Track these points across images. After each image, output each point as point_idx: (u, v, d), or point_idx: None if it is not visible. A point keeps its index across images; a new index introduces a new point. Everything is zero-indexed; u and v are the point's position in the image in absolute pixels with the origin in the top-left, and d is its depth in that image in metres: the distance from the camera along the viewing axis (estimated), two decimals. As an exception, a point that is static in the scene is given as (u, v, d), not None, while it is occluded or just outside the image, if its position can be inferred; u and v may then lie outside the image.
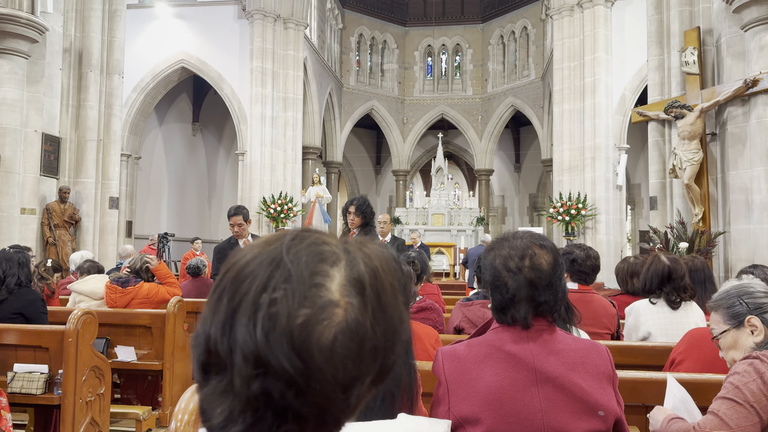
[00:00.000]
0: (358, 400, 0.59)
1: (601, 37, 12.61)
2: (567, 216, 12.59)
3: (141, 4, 15.33)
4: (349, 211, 4.81)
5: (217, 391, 0.57)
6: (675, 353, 2.64)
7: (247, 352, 0.54)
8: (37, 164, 8.61)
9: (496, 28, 22.41)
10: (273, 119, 14.75)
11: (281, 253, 0.58)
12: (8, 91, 7.85)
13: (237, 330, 0.55)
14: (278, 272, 0.57)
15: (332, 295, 0.56)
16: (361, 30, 22.53)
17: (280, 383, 0.54)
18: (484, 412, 1.39)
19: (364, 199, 4.92)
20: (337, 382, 0.56)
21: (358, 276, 0.59)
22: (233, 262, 0.60)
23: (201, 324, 0.59)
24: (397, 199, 23.11)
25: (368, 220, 4.82)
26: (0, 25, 7.68)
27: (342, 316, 0.56)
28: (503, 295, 1.46)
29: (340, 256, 0.60)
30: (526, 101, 20.49)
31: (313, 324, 0.55)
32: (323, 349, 0.55)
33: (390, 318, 0.60)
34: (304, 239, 0.60)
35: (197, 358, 0.59)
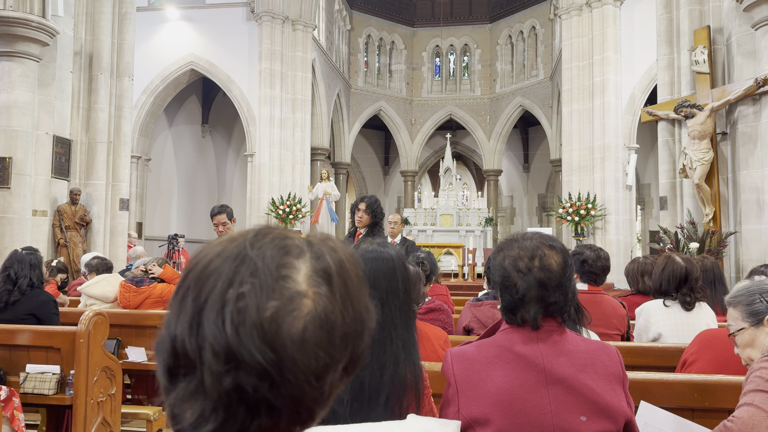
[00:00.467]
0: (331, 389, 0.60)
1: (610, 37, 12.55)
2: (576, 216, 12.54)
3: (150, 6, 15.43)
4: (359, 208, 4.65)
5: (186, 394, 0.56)
6: (687, 354, 2.63)
7: (218, 348, 0.54)
8: (49, 166, 8.68)
9: (504, 28, 22.36)
10: (281, 121, 14.80)
11: (245, 248, 0.59)
12: (20, 94, 7.92)
13: (205, 327, 0.55)
14: (243, 267, 0.57)
15: (299, 287, 0.57)
16: (369, 31, 22.55)
17: (252, 377, 0.54)
18: (494, 413, 1.39)
19: (375, 198, 4.76)
20: (310, 371, 0.56)
21: (325, 267, 0.60)
22: (195, 262, 0.60)
23: (165, 327, 0.59)
24: (405, 200, 23.11)
25: (377, 219, 4.65)
26: (11, 29, 7.76)
27: (311, 306, 0.57)
28: (513, 296, 1.47)
29: (304, 249, 0.61)
30: (534, 101, 20.43)
31: (282, 315, 0.55)
32: (294, 339, 0.55)
33: (358, 306, 0.61)
34: (267, 234, 0.61)
35: (163, 362, 0.59)
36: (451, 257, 14.85)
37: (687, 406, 2.38)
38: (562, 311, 1.48)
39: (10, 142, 7.93)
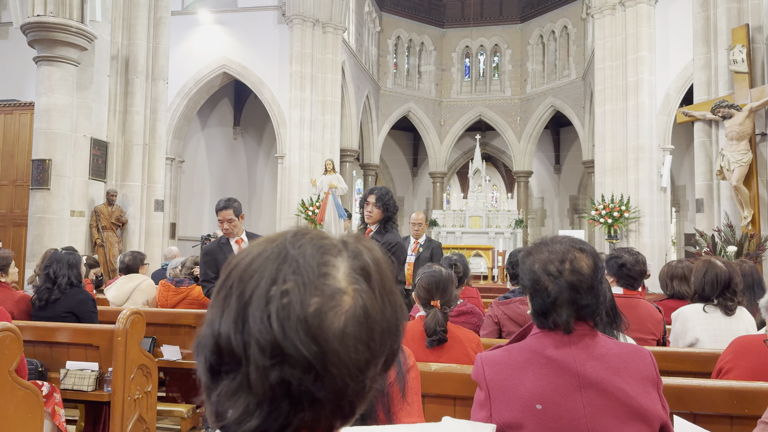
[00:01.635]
0: (372, 384, 0.62)
1: (645, 36, 12.32)
2: (609, 218, 12.33)
3: (184, 10, 15.70)
4: (368, 201, 4.07)
5: (229, 391, 0.58)
6: (722, 362, 2.57)
7: (264, 342, 0.56)
8: (86, 168, 8.91)
9: (535, 28, 22.14)
10: (311, 122, 14.91)
11: (286, 247, 0.61)
12: (59, 98, 8.15)
13: (251, 323, 0.57)
14: (286, 265, 0.60)
15: (339, 284, 0.60)
16: (399, 32, 22.56)
17: (297, 370, 0.56)
18: (527, 418, 1.38)
19: (386, 189, 4.15)
20: (352, 364, 0.58)
21: (363, 265, 0.62)
22: (237, 262, 0.63)
23: (207, 326, 0.61)
24: (434, 201, 23.05)
25: (390, 214, 4.05)
26: (51, 34, 7.99)
27: (350, 303, 0.59)
28: (544, 300, 1.45)
29: (341, 248, 0.63)
30: (566, 101, 20.18)
31: (325, 311, 0.58)
32: (336, 333, 0.57)
33: (394, 302, 0.64)
34: (305, 235, 0.64)
35: (205, 360, 0.60)
36: (481, 259, 14.77)
37: (725, 413, 2.33)
38: (594, 314, 1.46)
39: (50, 145, 8.17)
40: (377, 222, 4.05)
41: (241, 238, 4.46)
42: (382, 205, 4.01)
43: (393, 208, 4.08)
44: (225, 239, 4.48)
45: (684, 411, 2.34)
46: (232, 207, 4.39)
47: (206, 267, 4.42)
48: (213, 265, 4.35)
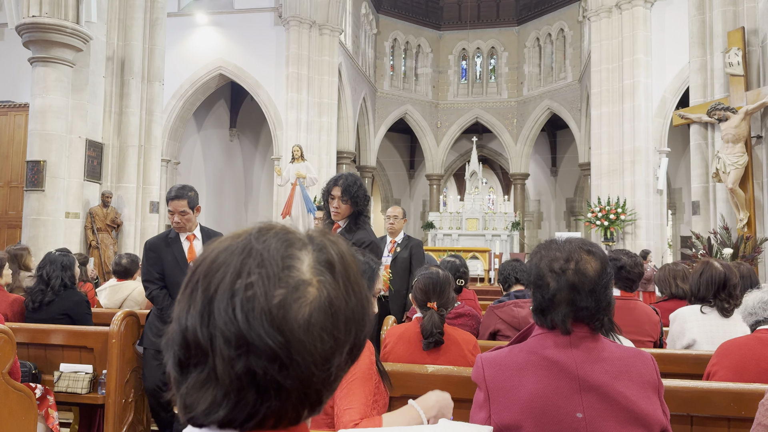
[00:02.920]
0: (338, 372, 0.63)
1: (641, 39, 12.36)
2: (606, 221, 12.36)
3: (180, 12, 15.68)
4: (333, 194, 3.36)
5: (197, 383, 0.60)
6: (709, 366, 2.59)
7: (229, 334, 0.58)
8: (81, 169, 8.87)
9: (531, 31, 22.19)
10: (308, 124, 14.90)
11: (251, 242, 0.63)
12: (54, 99, 8.11)
13: (216, 316, 0.58)
14: (250, 259, 0.61)
15: (304, 276, 0.61)
16: (396, 35, 22.59)
17: (262, 360, 0.57)
18: (526, 420, 1.37)
19: (354, 178, 3.41)
20: (317, 353, 0.59)
21: (327, 258, 0.64)
22: (203, 258, 0.64)
23: (175, 321, 0.63)
24: (430, 204, 23.06)
25: (360, 207, 3.37)
26: (47, 35, 7.96)
27: (315, 293, 0.61)
28: (543, 296, 1.45)
29: (306, 241, 0.65)
30: (562, 104, 20.23)
31: (289, 302, 0.59)
32: (301, 323, 0.59)
33: (359, 293, 0.65)
34: (270, 229, 0.65)
35: (173, 355, 0.62)
36: (477, 262, 14.76)
37: (723, 415, 2.32)
38: (593, 318, 1.44)
39: (45, 146, 8.13)
40: (345, 218, 3.39)
41: (193, 234, 3.75)
42: (349, 198, 3.32)
43: (363, 199, 3.36)
44: (174, 234, 3.73)
45: (681, 413, 2.34)
46: (186, 197, 3.66)
47: (149, 265, 3.68)
48: (157, 264, 3.65)
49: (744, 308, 2.57)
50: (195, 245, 3.72)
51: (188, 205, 3.67)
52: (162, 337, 0.64)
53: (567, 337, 1.44)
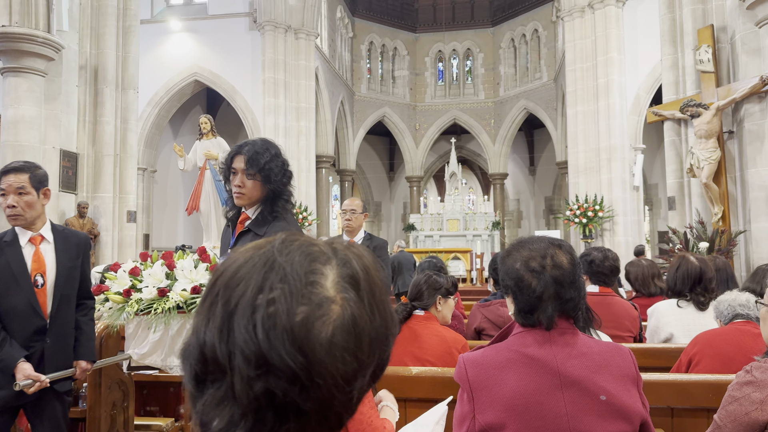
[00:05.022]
0: (359, 395, 0.60)
1: (614, 38, 12.54)
2: (584, 218, 12.50)
3: (153, 19, 15.53)
4: (234, 168, 2.29)
5: (215, 400, 0.57)
6: (689, 355, 2.63)
7: (248, 353, 0.55)
8: (56, 180, 8.73)
9: (506, 32, 22.39)
10: (286, 129, 14.85)
11: (273, 255, 0.60)
12: (27, 109, 7.98)
13: (236, 332, 0.56)
14: (273, 273, 0.58)
15: (327, 292, 0.58)
16: (372, 38, 22.63)
17: (282, 381, 0.55)
18: (509, 418, 1.38)
19: (266, 143, 2.32)
20: (339, 375, 0.57)
21: (351, 273, 0.61)
22: (224, 269, 0.61)
23: (193, 334, 0.60)
24: (411, 206, 23.11)
25: (277, 186, 2.29)
26: (17, 45, 7.82)
27: (339, 312, 0.57)
28: (530, 296, 1.46)
29: (330, 255, 0.62)
30: (539, 104, 20.43)
31: (312, 320, 0.56)
32: (323, 343, 0.56)
33: (384, 312, 0.62)
34: (293, 242, 0.62)
35: (190, 369, 0.59)
36: (459, 262, 14.83)
37: (702, 406, 2.37)
38: (576, 308, 1.48)
39: (18, 157, 7.98)
40: (255, 202, 2.32)
41: (41, 235, 2.63)
42: (259, 172, 2.24)
43: (281, 174, 2.28)
44: (12, 234, 2.61)
45: (662, 405, 2.37)
46: (27, 170, 2.56)
47: None
48: None
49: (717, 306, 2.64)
50: (43, 251, 2.61)
51: (30, 182, 2.53)
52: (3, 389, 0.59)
53: (547, 333, 1.46)
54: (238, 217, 2.42)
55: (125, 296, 3.21)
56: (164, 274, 3.24)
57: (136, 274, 3.30)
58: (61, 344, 2.71)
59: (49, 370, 2.61)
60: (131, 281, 3.27)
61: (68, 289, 2.73)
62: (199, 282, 3.19)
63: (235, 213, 2.43)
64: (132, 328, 3.21)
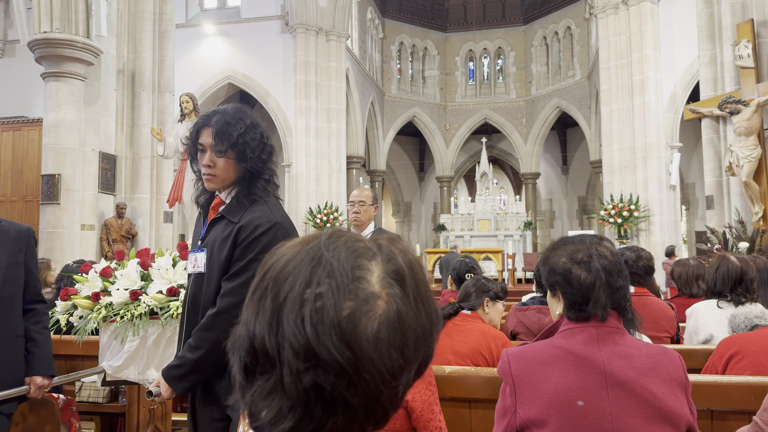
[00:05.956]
0: (405, 390, 0.61)
1: (649, 34, 12.29)
2: (619, 218, 12.29)
3: (188, 23, 15.82)
4: (201, 143, 1.92)
5: (263, 392, 0.58)
6: (726, 355, 2.54)
7: (297, 346, 0.56)
8: (95, 182, 8.97)
9: (538, 30, 22.15)
10: (317, 130, 14.97)
11: (320, 250, 0.61)
12: (67, 113, 8.22)
13: (285, 326, 0.57)
14: (320, 268, 0.59)
15: (373, 288, 0.59)
16: (402, 38, 22.64)
17: (330, 375, 0.56)
18: (552, 414, 1.38)
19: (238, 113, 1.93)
20: (385, 370, 0.57)
21: (396, 269, 0.61)
22: (272, 263, 0.63)
23: (242, 326, 0.61)
24: (441, 206, 23.04)
25: (254, 165, 1.91)
26: (58, 50, 8.07)
27: (384, 308, 0.58)
28: (580, 287, 1.46)
29: (375, 251, 0.62)
30: (572, 102, 20.16)
31: (358, 315, 0.57)
32: (370, 339, 0.57)
33: (428, 308, 0.62)
34: (339, 237, 0.63)
35: (239, 360, 0.61)
36: (490, 262, 14.73)
37: (743, 409, 2.31)
38: (625, 297, 1.48)
39: (59, 160, 8.24)
40: (229, 184, 1.96)
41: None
42: (231, 147, 1.87)
43: (258, 149, 1.91)
44: None
45: (702, 407, 2.33)
46: None
47: None
48: None
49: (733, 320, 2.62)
50: None
51: None
52: None
53: (594, 332, 1.45)
54: (210, 202, 2.05)
55: (93, 301, 2.73)
56: (139, 275, 2.77)
57: (108, 275, 2.81)
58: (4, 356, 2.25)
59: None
60: (103, 283, 2.79)
61: (9, 290, 2.28)
62: (177, 283, 2.68)
63: (207, 198, 2.06)
64: (106, 337, 2.72)
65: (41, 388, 2.38)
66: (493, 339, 2.66)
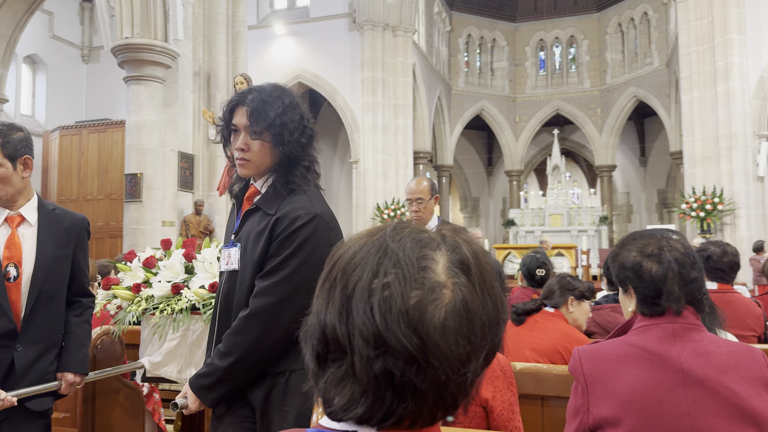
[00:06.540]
0: (474, 377, 0.62)
1: (733, 17, 11.58)
2: (702, 212, 11.68)
3: (259, 24, 16.26)
4: (235, 123, 1.74)
5: (336, 379, 0.61)
6: None
7: (367, 333, 0.59)
8: (175, 180, 9.38)
9: (613, 16, 21.33)
10: (384, 126, 15.05)
11: (386, 241, 0.63)
12: (148, 115, 8.64)
13: (354, 315, 0.60)
14: (386, 259, 0.61)
15: (438, 277, 0.61)
16: (470, 30, 22.37)
17: (400, 361, 0.58)
18: (626, 414, 1.34)
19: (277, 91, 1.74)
20: (453, 357, 0.59)
21: (461, 258, 0.63)
22: (339, 255, 0.65)
23: (314, 316, 0.64)
24: (510, 201, 22.64)
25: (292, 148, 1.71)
26: (139, 54, 8.49)
27: (450, 296, 0.60)
28: (651, 281, 1.42)
29: (439, 241, 0.64)
30: (650, 90, 19.30)
31: (425, 304, 0.59)
32: (437, 327, 0.59)
33: (494, 296, 0.64)
34: (404, 228, 0.65)
35: (312, 348, 0.64)
36: (563, 258, 14.34)
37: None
38: (701, 290, 1.43)
39: (141, 159, 8.68)
40: (265, 171, 1.78)
41: (20, 214, 2.15)
42: (267, 129, 1.69)
43: (298, 132, 1.72)
44: None
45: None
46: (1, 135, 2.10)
47: None
48: None
49: None
50: (21, 235, 2.14)
51: (2, 152, 2.08)
52: None
53: (670, 329, 1.40)
54: (245, 192, 1.84)
55: (134, 292, 2.55)
56: (183, 266, 2.57)
57: (151, 266, 2.63)
58: (38, 353, 2.11)
59: (21, 386, 2.05)
60: (145, 274, 2.61)
61: (51, 284, 2.13)
62: None
63: (242, 188, 1.86)
64: (147, 331, 2.56)
65: (72, 385, 2.21)
66: (577, 342, 2.60)
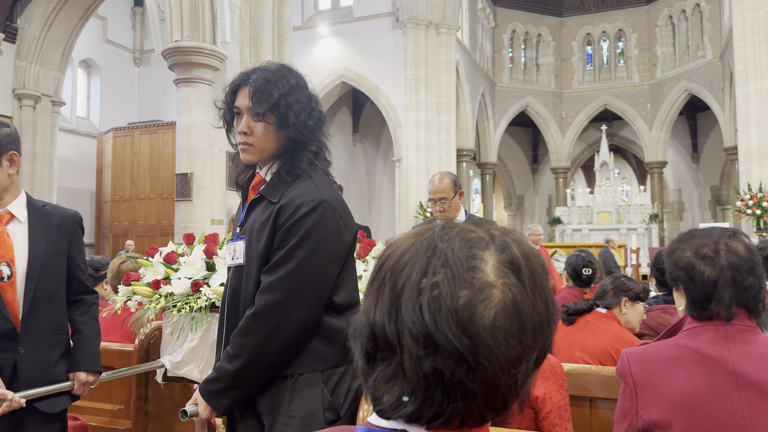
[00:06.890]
0: (524, 378, 0.61)
1: (793, 5, 11.09)
2: (758, 209, 11.23)
3: (304, 25, 16.45)
4: (238, 106, 1.64)
5: (385, 377, 0.61)
6: None
7: (416, 332, 0.58)
8: (223, 179, 9.60)
9: (663, 9, 20.68)
10: (427, 124, 15.00)
11: (434, 240, 0.63)
12: (197, 116, 8.86)
13: (403, 314, 0.60)
14: (435, 258, 0.61)
15: (488, 277, 0.60)
16: (514, 26, 22.07)
17: (449, 361, 0.58)
18: (677, 417, 1.30)
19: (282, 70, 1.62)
20: (504, 357, 0.59)
21: (511, 258, 0.62)
22: (388, 254, 0.65)
23: (363, 314, 0.64)
24: (557, 198, 22.25)
25: (298, 131, 1.58)
26: (188, 57, 8.70)
27: (500, 297, 0.60)
28: (703, 284, 1.36)
29: (488, 241, 0.64)
30: (702, 84, 18.64)
31: (474, 304, 0.59)
32: (486, 327, 0.58)
33: (545, 297, 0.63)
34: (452, 228, 0.65)
35: (361, 347, 0.64)
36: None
37: None
38: (757, 298, 1.36)
39: (191, 159, 8.91)
40: (270, 158, 1.65)
41: (9, 212, 2.05)
42: (271, 110, 1.57)
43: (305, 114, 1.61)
44: None
45: None
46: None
47: None
48: None
49: None
50: (11, 232, 2.06)
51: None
52: None
53: (723, 330, 1.35)
54: (251, 181, 1.73)
55: (154, 289, 2.45)
56: (204, 263, 2.46)
57: (172, 261, 2.52)
58: (42, 355, 2.05)
59: (25, 389, 1.98)
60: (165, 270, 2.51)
61: (47, 281, 2.06)
62: None
63: (248, 176, 1.75)
64: (167, 330, 2.49)
65: (86, 385, 2.14)
66: (629, 344, 2.54)
